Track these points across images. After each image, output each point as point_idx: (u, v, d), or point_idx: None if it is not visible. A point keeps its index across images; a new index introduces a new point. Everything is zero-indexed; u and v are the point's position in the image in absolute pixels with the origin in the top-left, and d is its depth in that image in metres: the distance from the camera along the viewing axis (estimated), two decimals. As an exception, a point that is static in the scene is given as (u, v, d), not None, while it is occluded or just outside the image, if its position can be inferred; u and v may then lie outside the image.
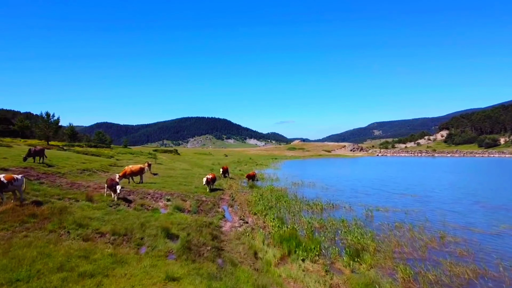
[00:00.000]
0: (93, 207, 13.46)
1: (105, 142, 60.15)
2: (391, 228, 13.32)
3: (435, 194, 22.86)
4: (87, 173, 23.38)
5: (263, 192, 23.19)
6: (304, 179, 31.80)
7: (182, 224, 12.25)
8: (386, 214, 16.11)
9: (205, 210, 15.85)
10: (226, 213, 16.13)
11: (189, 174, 30.97)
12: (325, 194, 22.90)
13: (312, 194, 23.13)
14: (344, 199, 20.61)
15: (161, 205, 15.88)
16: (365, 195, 22.43)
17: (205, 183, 20.81)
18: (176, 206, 14.87)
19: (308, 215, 15.65)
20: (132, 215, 12.88)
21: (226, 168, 32.43)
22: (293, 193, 23.28)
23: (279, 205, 18.04)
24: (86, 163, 28.13)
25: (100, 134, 63.45)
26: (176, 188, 20.97)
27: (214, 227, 12.57)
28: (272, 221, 13.84)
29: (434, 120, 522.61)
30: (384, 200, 20.28)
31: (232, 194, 21.54)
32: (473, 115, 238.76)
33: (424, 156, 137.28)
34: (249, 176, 29.38)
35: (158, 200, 17.07)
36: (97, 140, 59.37)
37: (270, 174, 38.44)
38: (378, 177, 35.56)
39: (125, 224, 11.41)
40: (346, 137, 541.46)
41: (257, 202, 18.50)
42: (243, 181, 29.51)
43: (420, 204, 18.99)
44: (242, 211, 16.54)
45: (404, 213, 16.51)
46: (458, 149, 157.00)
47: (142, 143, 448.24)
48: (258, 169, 47.20)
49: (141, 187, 20.07)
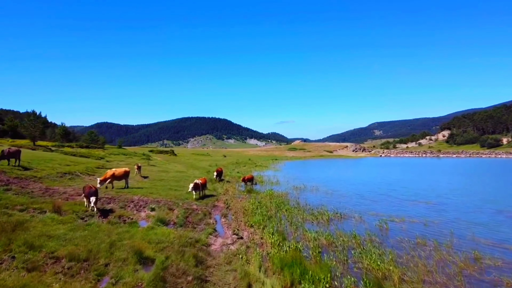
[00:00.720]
0: (58, 220, 11.35)
1: (98, 142, 57.93)
2: (413, 246, 11.18)
3: (451, 200, 20.70)
4: (68, 177, 21.28)
5: (262, 198, 21.06)
6: (306, 183, 29.64)
7: (162, 242, 10.13)
8: (402, 226, 13.96)
9: (193, 222, 13.70)
10: (218, 224, 13.99)
11: (182, 177, 28.85)
12: (330, 201, 20.77)
13: (316, 200, 21.00)
14: (351, 207, 18.49)
15: (143, 215, 13.75)
16: (373, 201, 20.29)
17: (191, 189, 18.36)
18: (159, 218, 12.73)
19: (313, 228, 13.51)
20: (103, 231, 10.75)
21: (221, 171, 30.43)
22: (295, 199, 21.14)
23: (279, 214, 15.90)
24: (71, 165, 26.03)
25: (93, 134, 61.15)
26: (165, 194, 18.86)
27: (201, 246, 10.43)
28: (271, 236, 11.69)
29: (434, 120, 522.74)
30: (395, 208, 18.14)
31: (227, 200, 19.41)
32: (475, 115, 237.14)
33: (429, 156, 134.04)
34: (245, 179, 27.34)
35: (141, 209, 14.95)
36: (89, 140, 57.15)
37: (269, 176, 36.27)
38: (384, 180, 33.40)
39: (91, 244, 9.30)
40: (346, 137, 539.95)
41: (254, 211, 16.36)
42: (241, 185, 27.40)
43: (437, 213, 16.85)
44: (237, 222, 14.39)
45: (423, 224, 14.37)
46: (464, 150, 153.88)
47: (142, 143, 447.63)
48: (257, 171, 45.06)
49: (126, 193, 17.97)
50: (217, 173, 29.11)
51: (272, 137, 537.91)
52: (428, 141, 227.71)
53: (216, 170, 29.98)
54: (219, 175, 29.28)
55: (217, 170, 30.01)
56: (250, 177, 28.09)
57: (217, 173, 29.07)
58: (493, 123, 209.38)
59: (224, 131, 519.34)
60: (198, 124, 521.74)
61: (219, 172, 29.44)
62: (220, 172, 29.69)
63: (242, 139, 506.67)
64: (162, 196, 18.28)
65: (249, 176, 28.45)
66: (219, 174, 29.31)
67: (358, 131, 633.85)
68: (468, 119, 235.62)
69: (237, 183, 29.08)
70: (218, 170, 30.02)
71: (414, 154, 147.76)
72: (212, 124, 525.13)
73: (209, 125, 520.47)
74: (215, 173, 29.12)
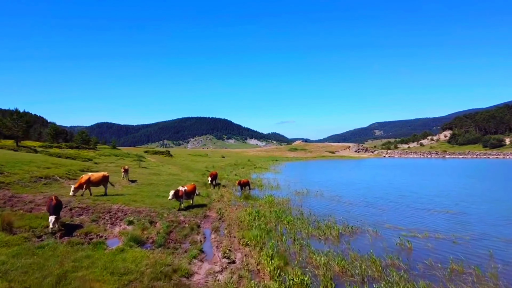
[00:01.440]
0: (3, 241, 9.05)
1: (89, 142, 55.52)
2: (448, 276, 8.87)
3: (472, 209, 18.37)
4: (43, 182, 18.97)
5: (260, 205, 18.79)
6: (308, 187, 27.33)
7: (129, 273, 7.84)
8: (428, 245, 11.66)
9: (176, 240, 11.41)
10: (207, 242, 11.69)
11: (175, 180, 26.56)
12: (336, 209, 18.49)
13: (321, 208, 18.70)
14: (362, 217, 16.22)
15: (116, 232, 11.45)
16: (384, 211, 17.98)
17: (171, 198, 15.57)
18: (133, 236, 10.43)
19: (321, 247, 11.23)
20: (57, 256, 8.47)
21: (215, 174, 28.10)
22: (297, 207, 18.86)
23: (280, 228, 13.59)
24: (51, 168, 23.73)
25: (84, 134, 58.72)
26: (150, 202, 16.56)
27: (180, 278, 8.13)
28: (270, 261, 9.38)
29: (435, 120, 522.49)
30: (412, 220, 15.84)
31: (220, 209, 17.10)
32: (476, 115, 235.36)
33: (434, 157, 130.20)
34: (241, 183, 25.06)
35: (117, 222, 12.65)
36: (80, 140, 54.72)
37: (269, 179, 33.95)
38: (391, 184, 31.03)
39: (31, 279, 7.03)
40: (347, 137, 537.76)
41: (251, 223, 14.08)
42: (238, 189, 25.12)
43: (461, 226, 14.55)
44: (230, 239, 12.09)
45: (451, 242, 12.07)
46: (470, 150, 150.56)
47: (143, 143, 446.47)
48: (257, 173, 42.77)
49: (104, 201, 15.65)
50: (212, 177, 26.75)
51: (273, 137, 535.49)
52: (429, 141, 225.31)
53: (210, 174, 27.54)
54: (213, 179, 26.95)
55: (211, 174, 27.65)
56: (246, 181, 25.89)
57: (211, 177, 26.69)
58: (495, 123, 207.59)
59: (224, 131, 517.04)
60: (198, 124, 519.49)
61: (213, 176, 27.12)
62: (214, 176, 27.37)
63: (242, 139, 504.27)
64: (146, 204, 15.99)
65: (245, 180, 26.24)
66: (213, 178, 26.97)
67: (358, 131, 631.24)
68: (470, 119, 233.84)
69: (233, 187, 26.82)
70: (212, 174, 27.67)
71: (419, 155, 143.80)
72: (213, 124, 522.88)
73: (209, 125, 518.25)
74: (209, 178, 26.59)
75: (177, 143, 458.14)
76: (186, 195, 16.29)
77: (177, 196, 15.72)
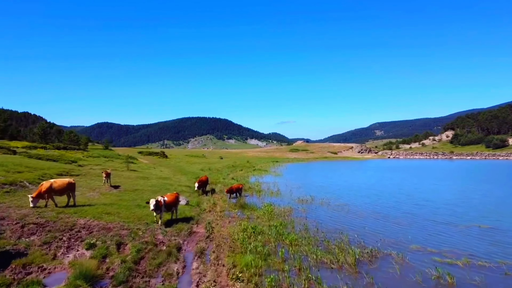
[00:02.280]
0: None
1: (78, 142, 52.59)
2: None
3: (507, 224, 15.59)
4: (5, 189, 16.30)
5: (258, 217, 16.14)
6: (312, 193, 24.63)
7: None
8: (474, 278, 8.98)
9: (145, 272, 8.73)
10: (185, 275, 9.02)
11: (163, 186, 23.89)
12: (347, 222, 15.81)
13: (329, 221, 16.03)
14: (378, 234, 13.59)
15: (67, 261, 8.77)
16: (400, 226, 15.21)
17: (153, 209, 12.75)
18: (84, 271, 7.73)
19: (335, 281, 8.58)
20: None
21: (205, 180, 24.09)
22: (301, 218, 16.22)
23: (281, 251, 10.89)
24: (24, 172, 21.11)
25: (72, 134, 55.85)
26: (127, 215, 13.88)
27: None
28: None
29: (436, 120, 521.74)
30: (440, 238, 13.17)
31: (210, 223, 14.42)
32: (479, 115, 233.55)
33: (441, 158, 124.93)
34: (232, 190, 21.87)
35: (75, 245, 9.98)
36: (68, 140, 51.89)
37: (269, 183, 31.23)
38: (401, 189, 28.11)
39: None
40: (348, 137, 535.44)
41: (245, 243, 11.40)
42: (233, 196, 22.48)
43: (502, 248, 11.90)
44: (217, 269, 9.41)
45: (502, 273, 9.41)
46: (479, 151, 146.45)
47: (143, 143, 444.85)
48: (256, 176, 40.04)
49: (70, 215, 12.97)
50: (200, 183, 22.86)
51: (273, 137, 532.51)
52: (431, 142, 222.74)
53: (198, 180, 23.44)
54: (202, 185, 23.26)
55: (200, 180, 23.53)
56: (237, 187, 22.53)
57: (199, 184, 22.78)
58: (498, 123, 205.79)
59: (224, 131, 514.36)
60: (199, 124, 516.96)
61: (202, 183, 23.21)
62: (203, 182, 23.47)
63: (243, 139, 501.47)
64: (121, 218, 13.31)
65: (236, 185, 22.88)
66: (202, 185, 23.24)
67: (359, 131, 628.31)
68: (472, 119, 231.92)
69: None
70: (201, 179, 23.63)
71: (425, 156, 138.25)
72: (213, 124, 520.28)
73: (209, 125, 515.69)
74: (196, 184, 22.73)
75: (177, 143, 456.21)
76: (166, 207, 13.56)
77: (158, 208, 13.03)
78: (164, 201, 13.28)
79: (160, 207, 13.09)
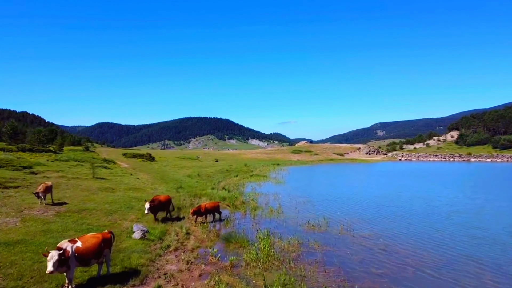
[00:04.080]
0: None
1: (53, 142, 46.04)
2: None
3: None
4: None
5: (248, 264, 10.35)
6: (325, 211, 18.78)
7: None
8: None
9: None
10: None
11: (127, 202, 18.22)
12: (392, 279, 9.90)
13: (363, 272, 10.19)
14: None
15: None
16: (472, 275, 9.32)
17: (50, 270, 7.18)
18: None
19: None
20: None
21: (163, 201, 15.93)
22: (317, 266, 10.62)
23: None
24: None
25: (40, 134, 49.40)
26: (24, 269, 8.12)
27: None
28: None
29: (437, 120, 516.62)
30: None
31: (169, 277, 8.66)
32: (484, 115, 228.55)
33: (457, 161, 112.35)
34: (198, 211, 15.70)
35: None
36: (36, 140, 45.60)
37: (268, 194, 25.40)
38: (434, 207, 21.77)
39: None
40: (349, 138, 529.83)
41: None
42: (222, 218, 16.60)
43: None
44: None
45: None
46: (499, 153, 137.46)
47: (144, 143, 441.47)
48: (253, 183, 34.24)
49: None
50: (152, 206, 14.88)
51: (274, 138, 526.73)
52: (436, 142, 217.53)
53: (151, 200, 15.26)
54: (156, 209, 15.33)
55: (153, 199, 15.49)
56: (211, 206, 16.41)
57: (150, 206, 14.76)
58: (504, 123, 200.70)
59: (226, 131, 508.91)
60: (200, 124, 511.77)
61: (155, 205, 15.15)
62: (156, 206, 15.32)
63: (244, 139, 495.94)
64: (10, 276, 7.52)
65: (209, 204, 16.52)
66: (156, 209, 15.30)
67: (360, 132, 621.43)
68: (478, 119, 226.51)
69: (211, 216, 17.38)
70: (156, 201, 15.45)
71: (440, 158, 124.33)
72: (214, 124, 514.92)
73: (210, 125, 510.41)
74: (147, 204, 14.67)
75: (178, 143, 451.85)
76: (80, 261, 7.79)
77: (61, 264, 7.30)
78: (74, 250, 7.51)
79: (67, 262, 7.29)
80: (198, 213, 15.54)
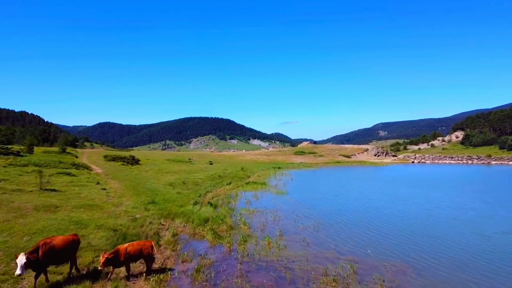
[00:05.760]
0: None
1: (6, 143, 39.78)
2: None
3: None
4: None
5: None
6: (345, 241, 13.33)
7: None
8: None
9: None
10: None
11: (64, 229, 12.72)
12: None
13: None
14: None
15: None
16: None
17: None
18: None
19: None
20: None
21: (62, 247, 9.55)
22: None
23: None
24: None
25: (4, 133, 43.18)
26: None
27: None
28: None
29: (440, 121, 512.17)
30: None
31: None
32: (490, 115, 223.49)
33: (476, 163, 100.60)
34: (113, 259, 9.80)
35: None
36: (1, 141, 39.49)
37: (266, 212, 20.07)
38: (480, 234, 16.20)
39: None
40: (351, 138, 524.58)
41: None
42: (201, 254, 11.27)
43: None
44: None
45: None
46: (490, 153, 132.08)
47: (145, 143, 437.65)
48: (249, 193, 28.87)
49: None
50: (32, 262, 8.66)
51: (276, 138, 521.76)
52: (440, 142, 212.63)
53: (33, 249, 8.96)
54: (44, 263, 9.08)
55: (43, 246, 9.11)
56: (136, 249, 10.37)
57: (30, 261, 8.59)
58: (511, 123, 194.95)
59: (227, 131, 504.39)
60: (201, 124, 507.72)
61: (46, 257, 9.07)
62: (53, 254, 9.29)
63: (245, 139, 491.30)
64: None
65: (133, 247, 10.41)
66: (44, 262, 9.07)
67: (362, 132, 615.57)
68: (483, 119, 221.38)
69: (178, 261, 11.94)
70: (44, 248, 9.10)
71: (456, 161, 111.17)
72: (215, 124, 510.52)
73: (212, 125, 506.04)
74: (21, 258, 8.46)
75: (179, 143, 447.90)
76: None
77: None
78: None
79: None
80: (114, 262, 9.88)
